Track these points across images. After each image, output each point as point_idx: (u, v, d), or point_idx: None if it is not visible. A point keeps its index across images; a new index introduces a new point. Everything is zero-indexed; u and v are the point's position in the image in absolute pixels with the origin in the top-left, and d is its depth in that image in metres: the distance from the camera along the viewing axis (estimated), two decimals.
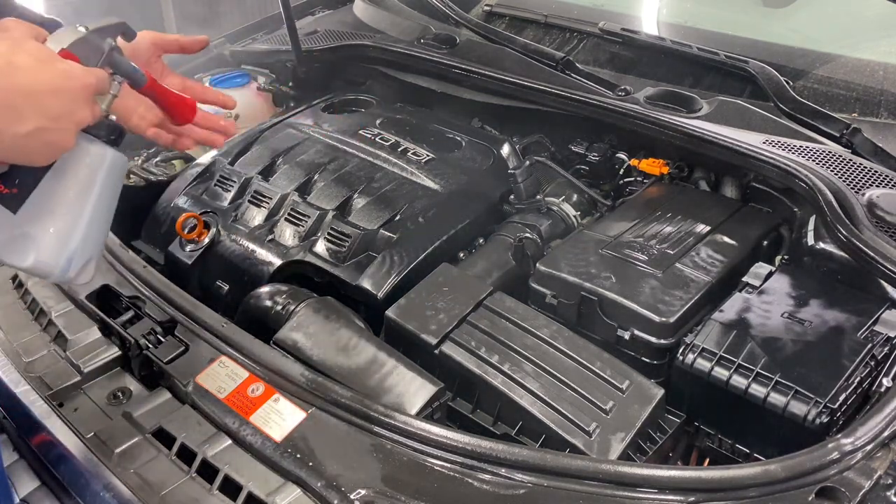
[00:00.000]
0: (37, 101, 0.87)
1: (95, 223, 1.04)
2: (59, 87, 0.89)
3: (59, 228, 1.01)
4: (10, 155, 0.90)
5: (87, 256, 1.04)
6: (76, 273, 1.04)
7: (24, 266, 1.00)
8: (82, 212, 1.02)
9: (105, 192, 1.04)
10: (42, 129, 0.88)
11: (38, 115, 0.87)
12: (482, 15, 2.39)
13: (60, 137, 0.91)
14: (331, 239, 1.61)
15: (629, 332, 1.38)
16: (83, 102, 0.92)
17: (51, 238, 1.00)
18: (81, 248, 1.03)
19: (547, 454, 1.08)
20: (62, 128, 0.90)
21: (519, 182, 1.72)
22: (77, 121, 0.92)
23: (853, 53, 1.94)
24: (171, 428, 1.17)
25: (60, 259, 1.01)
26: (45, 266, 1.01)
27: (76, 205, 1.01)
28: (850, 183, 1.49)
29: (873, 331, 1.27)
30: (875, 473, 1.00)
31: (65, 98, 0.89)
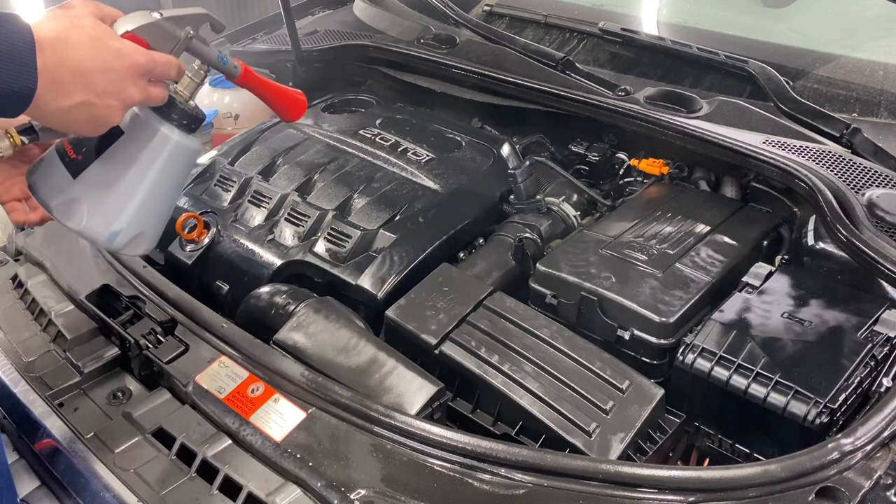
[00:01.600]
0: (84, 78, 0.89)
1: (152, 201, 1.06)
2: (108, 65, 0.91)
3: (110, 199, 1.03)
4: (56, 124, 0.93)
5: (137, 230, 1.06)
6: (124, 244, 1.06)
7: (74, 228, 1.03)
8: (137, 188, 1.04)
9: (166, 173, 1.06)
10: (86, 104, 0.90)
11: (84, 90, 0.89)
12: (482, 15, 2.39)
13: (106, 113, 0.93)
14: (331, 239, 1.61)
15: (629, 332, 1.38)
16: (131, 82, 0.94)
17: (101, 207, 1.03)
18: (132, 222, 1.05)
19: (547, 454, 1.08)
20: (108, 104, 0.92)
21: (519, 182, 1.72)
22: (123, 98, 0.94)
23: (853, 53, 1.94)
24: (171, 428, 1.17)
25: (107, 228, 1.04)
26: (93, 232, 1.04)
27: (133, 180, 1.03)
28: (850, 183, 1.49)
29: (873, 331, 1.27)
30: (875, 473, 1.01)
31: (112, 76, 0.91)
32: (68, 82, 0.89)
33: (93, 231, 1.04)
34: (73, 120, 0.92)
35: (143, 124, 1.04)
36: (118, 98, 0.93)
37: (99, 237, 1.05)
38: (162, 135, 1.04)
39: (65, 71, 0.88)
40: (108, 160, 1.03)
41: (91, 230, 1.04)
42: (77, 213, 1.03)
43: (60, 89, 0.88)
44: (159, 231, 1.13)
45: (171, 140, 1.05)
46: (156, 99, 1.00)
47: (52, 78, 0.87)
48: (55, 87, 0.88)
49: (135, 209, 1.05)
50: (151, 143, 1.04)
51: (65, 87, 0.89)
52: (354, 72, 2.29)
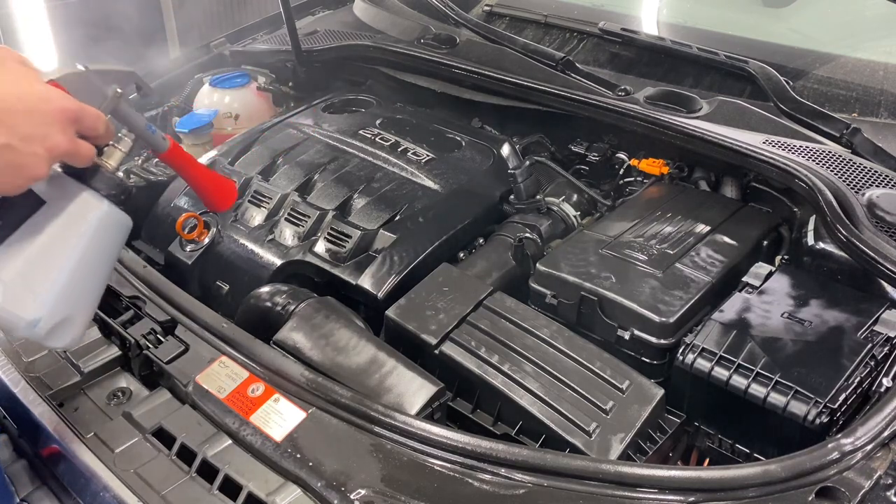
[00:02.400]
0: (5, 119, 0.83)
1: (79, 281, 0.95)
2: (33, 107, 0.85)
3: (31, 277, 0.92)
4: None
5: (62, 314, 0.95)
6: (46, 331, 0.94)
7: None
8: (62, 265, 0.94)
9: (94, 248, 0.97)
10: (8, 148, 0.84)
11: (7, 132, 0.83)
12: (482, 15, 2.39)
13: (30, 161, 0.86)
14: (331, 239, 1.61)
15: (629, 332, 1.38)
16: (59, 128, 0.87)
17: (18, 287, 0.91)
18: (56, 304, 0.94)
19: (547, 454, 1.08)
20: (32, 151, 0.85)
21: (519, 182, 1.72)
22: (49, 146, 0.87)
23: (853, 53, 1.94)
24: (171, 428, 1.17)
25: (27, 311, 0.92)
26: (9, 316, 0.92)
27: (56, 256, 0.93)
28: (850, 183, 1.49)
29: (873, 331, 1.27)
30: (875, 473, 1.00)
31: (38, 119, 0.85)
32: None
33: (8, 316, 0.92)
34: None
35: (67, 193, 0.95)
36: (43, 145, 0.86)
37: (17, 322, 0.92)
38: (90, 204, 0.96)
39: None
40: (28, 233, 0.92)
41: (7, 315, 0.91)
42: None
43: None
44: (88, 317, 1.02)
45: (101, 210, 0.97)
46: (84, 155, 0.93)
47: None
48: None
49: (59, 290, 0.94)
50: (78, 213, 0.95)
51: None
52: (354, 72, 2.29)
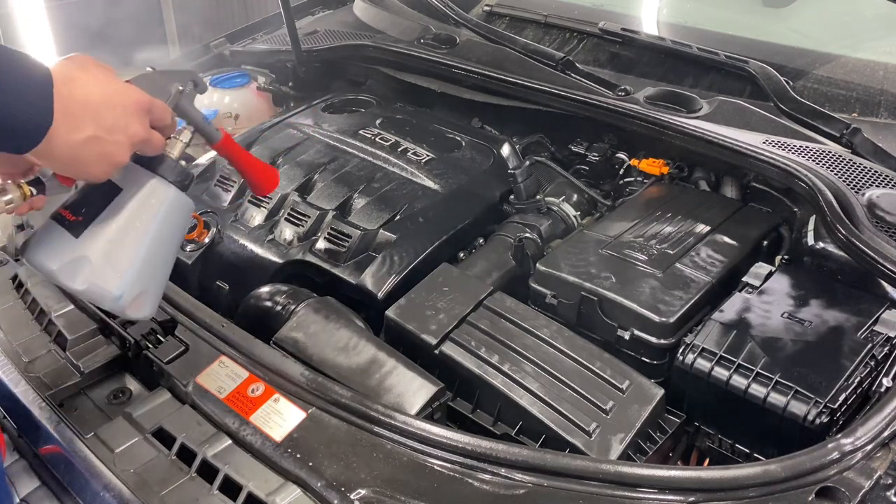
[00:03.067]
0: (93, 112, 0.93)
1: (152, 258, 1.07)
2: (113, 100, 0.95)
3: (112, 256, 1.04)
4: (66, 162, 0.95)
5: (140, 288, 1.06)
6: (129, 303, 1.06)
7: (77, 289, 1.03)
8: (138, 244, 1.05)
9: (165, 229, 1.08)
10: (96, 139, 0.93)
11: (94, 124, 0.92)
12: (482, 15, 2.39)
13: (114, 150, 0.96)
14: (331, 239, 1.61)
15: (629, 332, 1.38)
16: (136, 118, 0.97)
17: (104, 264, 1.03)
18: (135, 279, 1.05)
19: (547, 454, 1.08)
20: (115, 140, 0.95)
21: (519, 182, 1.72)
22: (130, 135, 0.96)
23: (853, 53, 1.94)
24: (171, 428, 1.17)
25: (112, 286, 1.04)
26: (98, 290, 1.03)
27: (133, 236, 1.05)
28: (850, 183, 1.49)
29: (873, 331, 1.27)
30: (875, 473, 1.00)
31: (118, 111, 0.95)
32: (79, 116, 0.91)
33: (98, 288, 1.04)
34: (83, 157, 0.94)
35: (139, 181, 1.06)
36: (125, 133, 0.96)
37: (105, 296, 1.04)
38: (159, 190, 1.07)
39: (76, 105, 0.91)
40: (108, 217, 1.04)
41: (96, 287, 1.03)
42: (81, 273, 1.03)
43: (72, 123, 0.91)
44: (160, 292, 1.13)
45: (169, 195, 1.08)
46: (156, 144, 1.03)
47: (64, 110, 0.90)
48: (67, 121, 0.90)
49: (137, 266, 1.05)
50: (150, 199, 1.06)
51: (76, 121, 0.91)
52: (354, 72, 2.29)
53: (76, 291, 1.04)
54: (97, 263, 1.03)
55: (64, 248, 1.03)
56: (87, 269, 1.03)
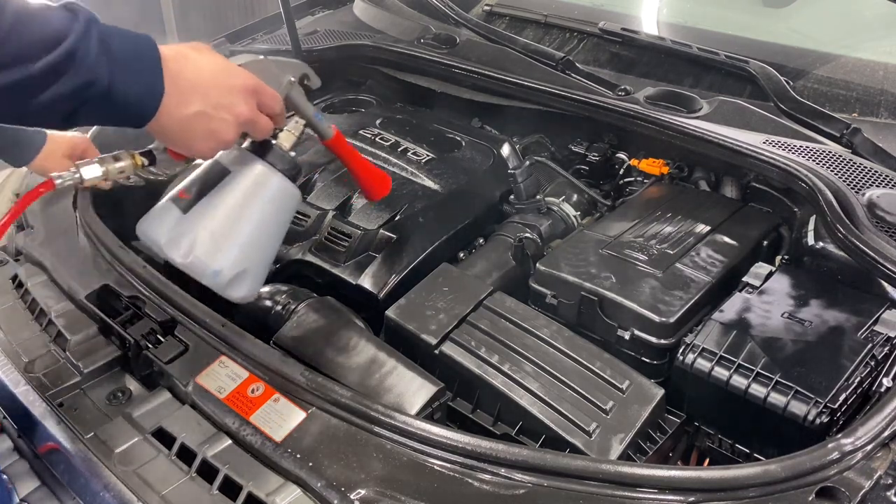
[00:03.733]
0: (202, 90, 0.99)
1: (254, 240, 1.13)
2: (220, 80, 1.01)
3: (215, 233, 1.10)
4: (179, 139, 1.02)
5: (240, 267, 1.12)
6: (227, 280, 1.11)
7: (180, 262, 1.09)
8: (240, 224, 1.11)
9: (268, 214, 1.14)
10: (203, 115, 1.00)
11: (202, 101, 0.99)
12: (482, 15, 2.39)
13: (220, 127, 1.02)
14: (331, 239, 1.61)
15: (629, 332, 1.38)
16: (242, 99, 1.03)
17: (207, 240, 1.09)
18: (234, 259, 1.11)
19: (547, 454, 1.08)
20: (222, 118, 1.01)
21: (519, 182, 1.72)
22: (236, 114, 1.02)
23: (853, 53, 1.94)
24: (171, 428, 1.17)
25: (212, 262, 1.10)
26: (199, 265, 1.10)
27: (236, 218, 1.11)
28: (850, 183, 1.49)
29: (873, 331, 1.27)
30: (875, 473, 1.00)
31: (226, 91, 1.01)
32: (188, 92, 0.98)
33: (199, 264, 1.10)
34: (191, 133, 1.00)
35: (248, 166, 1.12)
36: (231, 112, 1.02)
37: (205, 270, 1.10)
38: (265, 175, 1.13)
39: (185, 82, 0.97)
40: (215, 197, 1.11)
41: (198, 263, 1.09)
42: (184, 247, 1.09)
43: (182, 98, 0.97)
44: (262, 274, 1.18)
45: (274, 182, 1.13)
46: (262, 127, 1.08)
47: (175, 86, 0.96)
48: (177, 96, 0.97)
49: (238, 245, 1.11)
50: (255, 183, 1.12)
51: (185, 97, 0.97)
52: (354, 72, 2.29)
53: (179, 264, 1.10)
54: (200, 240, 1.09)
55: (172, 223, 1.10)
56: (190, 244, 1.09)
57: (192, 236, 1.09)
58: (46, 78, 0.87)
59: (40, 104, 0.89)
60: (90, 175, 1.08)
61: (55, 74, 0.88)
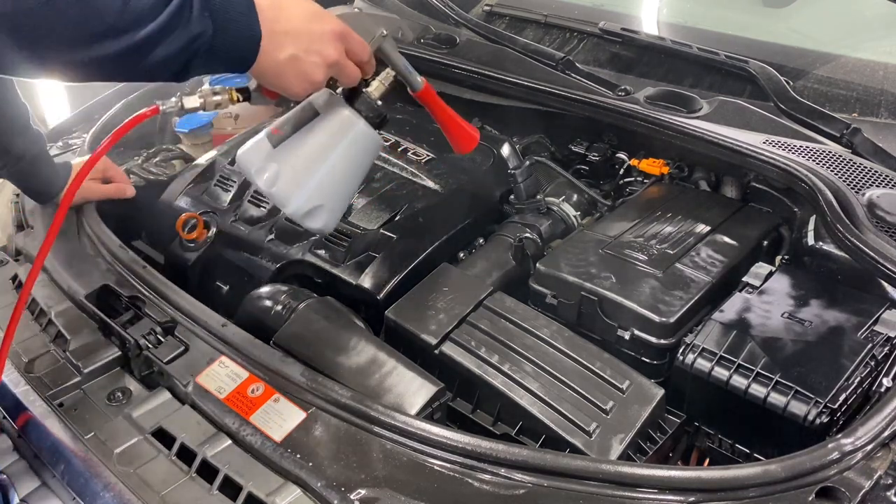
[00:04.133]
0: (294, 35, 1.08)
1: (333, 178, 1.24)
2: (311, 27, 1.10)
3: (297, 168, 1.21)
4: (274, 80, 1.11)
5: (317, 202, 1.23)
6: (306, 212, 1.23)
7: (265, 189, 1.22)
8: (321, 163, 1.22)
9: (349, 155, 1.24)
10: (295, 58, 1.09)
11: (294, 45, 1.08)
12: (482, 15, 2.38)
13: (310, 69, 1.11)
14: (331, 239, 1.61)
15: (629, 332, 1.38)
16: (331, 44, 1.12)
17: (289, 174, 1.21)
18: (312, 192, 1.22)
19: (547, 454, 1.08)
20: (312, 60, 1.10)
21: (519, 182, 1.72)
22: (325, 56, 1.11)
23: (853, 53, 1.94)
24: (170, 428, 1.17)
25: (294, 193, 1.21)
26: (281, 194, 1.21)
27: (318, 155, 1.22)
28: (850, 183, 1.49)
29: (873, 331, 1.27)
30: (875, 473, 1.00)
31: (316, 35, 1.10)
32: (281, 38, 1.07)
33: (281, 193, 1.21)
34: (285, 74, 1.10)
35: (336, 110, 1.23)
36: (320, 55, 1.11)
37: (285, 200, 1.21)
38: (350, 119, 1.22)
39: (279, 28, 1.06)
40: (302, 137, 1.21)
41: (279, 192, 1.21)
42: (270, 177, 1.20)
43: (277, 43, 1.06)
44: (339, 211, 1.29)
45: (357, 126, 1.23)
46: (350, 73, 1.17)
47: (270, 33, 1.05)
48: (272, 41, 1.06)
49: (317, 182, 1.22)
50: (340, 127, 1.22)
51: (279, 42, 1.06)
52: None
53: (264, 191, 1.22)
54: (284, 173, 1.20)
55: (263, 155, 1.21)
56: (275, 175, 1.20)
57: (278, 169, 1.20)
58: (160, 36, 0.95)
59: (155, 62, 0.97)
60: (190, 105, 1.21)
61: (168, 32, 0.95)
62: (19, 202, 1.72)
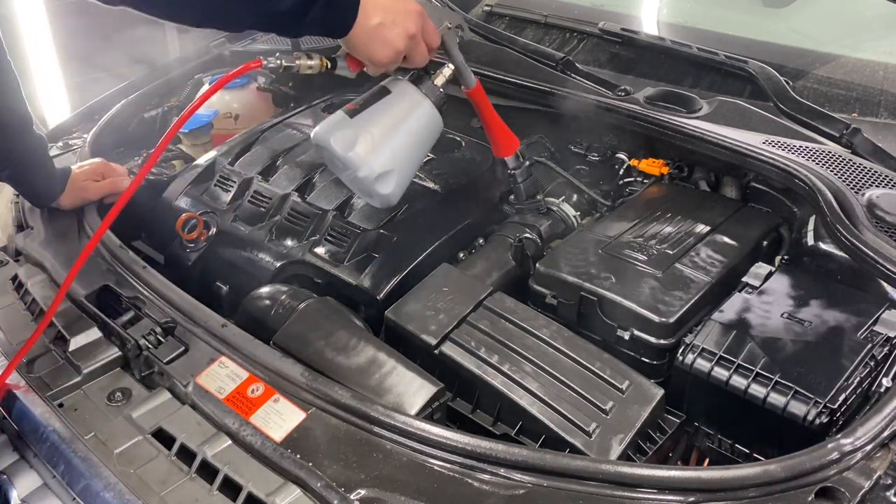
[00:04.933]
0: (382, 6, 1.28)
1: (403, 149, 1.43)
2: (399, 6, 1.30)
3: (374, 136, 1.39)
4: (363, 45, 1.30)
5: (388, 167, 1.40)
6: (377, 175, 1.40)
7: (341, 154, 1.39)
8: (393, 134, 1.41)
9: (415, 130, 1.44)
10: (383, 26, 1.28)
11: (382, 14, 1.28)
12: (482, 15, 2.39)
13: (394, 38, 1.30)
14: (331, 239, 1.61)
15: (629, 332, 1.38)
16: (412, 21, 1.31)
17: (367, 140, 1.38)
18: (385, 159, 1.40)
19: (547, 454, 1.08)
20: (395, 31, 1.30)
21: (519, 182, 1.71)
22: (406, 28, 1.31)
23: (853, 53, 1.94)
24: (170, 428, 1.17)
25: (369, 156, 1.38)
26: (357, 159, 1.38)
27: (391, 128, 1.41)
28: (850, 183, 1.49)
29: (873, 331, 1.27)
30: (875, 474, 1.01)
31: (400, 10, 1.30)
32: (373, 7, 1.27)
33: (357, 159, 1.38)
34: (373, 40, 1.29)
35: (406, 91, 1.43)
36: (403, 27, 1.30)
37: (361, 161, 1.38)
38: (419, 101, 1.44)
39: (373, 5, 1.27)
40: (377, 111, 1.40)
41: (356, 155, 1.38)
42: (347, 143, 1.38)
43: (369, 11, 1.27)
44: (406, 180, 1.47)
45: (425, 105, 1.44)
46: (421, 52, 1.36)
47: (364, 4, 1.26)
48: (366, 9, 1.27)
49: (390, 149, 1.40)
50: (410, 105, 1.43)
51: (372, 10, 1.27)
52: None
53: (340, 156, 1.39)
54: (361, 139, 1.38)
55: (341, 126, 1.40)
56: (352, 141, 1.38)
57: (355, 136, 1.38)
58: None
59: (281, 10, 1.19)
60: (287, 63, 1.38)
61: None
62: (19, 203, 1.73)
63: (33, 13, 3.88)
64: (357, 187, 1.51)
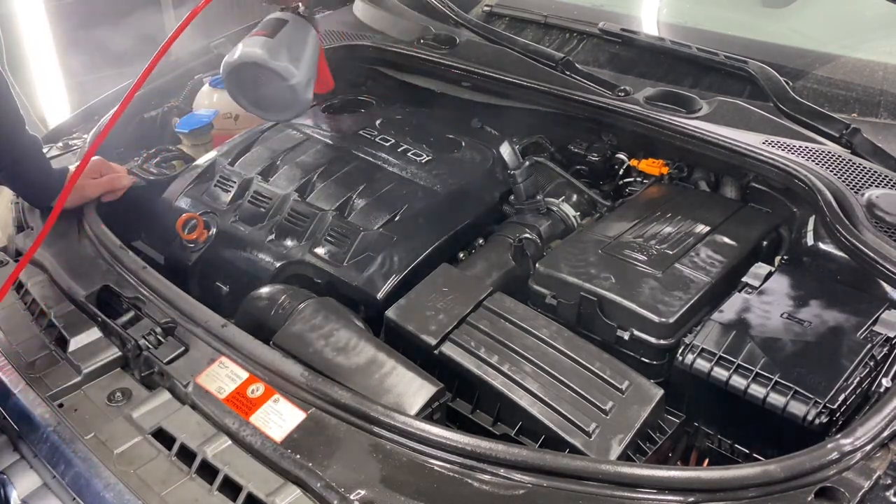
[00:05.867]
0: None
1: (311, 60, 1.74)
2: None
3: (296, 52, 1.70)
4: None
5: (310, 75, 1.73)
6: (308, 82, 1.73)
7: (279, 65, 1.66)
8: (304, 48, 1.73)
9: (313, 47, 1.76)
10: None
11: None
12: (482, 15, 2.39)
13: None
14: (331, 239, 1.61)
15: (629, 332, 1.38)
16: None
17: (294, 54, 1.69)
18: (306, 68, 1.71)
19: (546, 454, 1.09)
20: None
21: (519, 182, 1.71)
22: None
23: (853, 53, 1.94)
24: (170, 428, 1.18)
25: (292, 68, 1.67)
26: (292, 69, 1.67)
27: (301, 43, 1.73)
28: (850, 183, 1.49)
29: (873, 331, 1.27)
30: (874, 474, 1.01)
31: None
32: None
33: (286, 69, 1.67)
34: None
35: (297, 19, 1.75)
36: None
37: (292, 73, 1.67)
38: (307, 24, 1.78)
39: None
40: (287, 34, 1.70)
41: (285, 68, 1.66)
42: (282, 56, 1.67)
43: None
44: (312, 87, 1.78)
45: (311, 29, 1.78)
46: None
47: None
48: None
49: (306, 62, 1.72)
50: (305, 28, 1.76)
51: None
52: (354, 72, 2.29)
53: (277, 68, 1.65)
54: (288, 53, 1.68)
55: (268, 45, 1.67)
56: (284, 55, 1.66)
57: (285, 52, 1.66)
58: None
59: None
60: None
61: None
62: (19, 203, 1.73)
63: (33, 13, 3.88)
64: (280, 99, 1.73)
